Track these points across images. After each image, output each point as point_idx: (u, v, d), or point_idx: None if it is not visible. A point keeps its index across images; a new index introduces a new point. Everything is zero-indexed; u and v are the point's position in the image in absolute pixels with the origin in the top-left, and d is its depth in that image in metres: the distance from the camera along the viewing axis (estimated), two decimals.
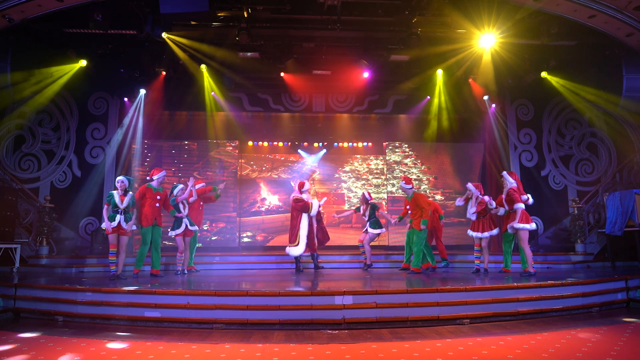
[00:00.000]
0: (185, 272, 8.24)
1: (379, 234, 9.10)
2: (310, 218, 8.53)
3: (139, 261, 7.66)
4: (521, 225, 7.26)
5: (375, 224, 9.02)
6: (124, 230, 7.22)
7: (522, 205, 7.29)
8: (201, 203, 8.78)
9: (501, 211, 7.74)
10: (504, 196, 7.58)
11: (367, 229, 9.05)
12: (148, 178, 7.97)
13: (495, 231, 8.02)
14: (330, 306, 5.42)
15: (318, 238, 8.69)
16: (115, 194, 7.23)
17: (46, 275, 8.05)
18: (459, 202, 8.26)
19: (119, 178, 7.38)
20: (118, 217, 7.17)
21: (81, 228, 10.64)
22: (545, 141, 11.70)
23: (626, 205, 8.53)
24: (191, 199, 8.22)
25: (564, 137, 11.68)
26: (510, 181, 7.52)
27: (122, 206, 7.20)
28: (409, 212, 8.19)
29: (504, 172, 7.84)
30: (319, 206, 8.59)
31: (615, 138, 11.24)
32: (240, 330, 5.22)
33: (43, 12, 7.96)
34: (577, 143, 11.64)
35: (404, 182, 8.38)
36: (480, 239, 8.08)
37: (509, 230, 7.51)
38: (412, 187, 8.36)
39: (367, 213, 9.16)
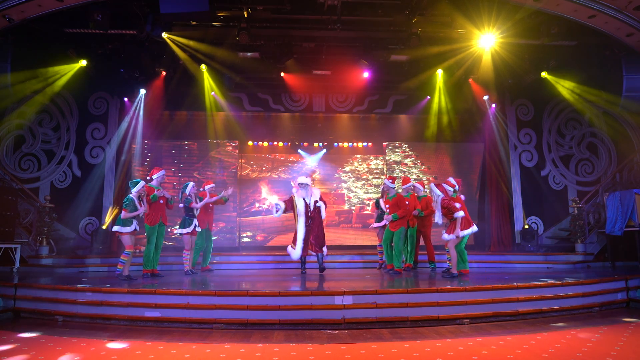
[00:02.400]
0: (193, 271, 8.18)
1: None
2: (307, 221, 7.93)
3: (147, 262, 7.60)
4: (464, 232, 7.07)
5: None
6: (135, 231, 7.26)
7: (461, 213, 7.07)
8: (210, 205, 8.72)
9: (438, 219, 7.36)
10: (437, 209, 7.25)
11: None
12: (148, 178, 7.94)
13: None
14: (330, 306, 5.42)
15: (310, 241, 7.98)
16: (136, 201, 7.18)
17: (46, 275, 8.05)
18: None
19: (143, 184, 7.34)
20: (134, 221, 7.18)
21: (81, 228, 10.63)
22: (545, 141, 11.70)
23: (626, 205, 8.52)
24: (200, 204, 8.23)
25: (564, 137, 11.68)
26: (438, 193, 7.26)
27: (141, 213, 7.24)
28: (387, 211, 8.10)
29: (431, 184, 7.52)
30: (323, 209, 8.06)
31: (615, 138, 11.25)
32: (240, 330, 5.23)
33: (43, 12, 7.95)
34: (577, 143, 11.64)
35: (389, 180, 8.23)
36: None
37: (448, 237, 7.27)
38: (395, 187, 8.29)
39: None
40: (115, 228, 7.15)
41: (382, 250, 9.02)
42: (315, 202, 7.98)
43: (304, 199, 7.94)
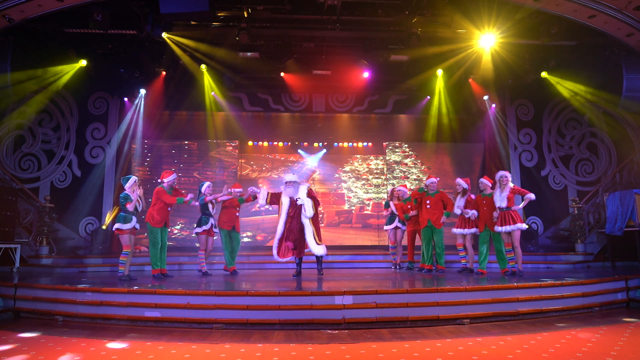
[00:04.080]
0: (206, 272, 8.11)
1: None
2: (286, 220, 7.46)
3: (155, 262, 7.52)
4: (523, 226, 7.22)
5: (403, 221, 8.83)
6: (134, 230, 7.25)
7: (533, 196, 7.19)
8: (237, 209, 8.57)
9: (501, 203, 7.39)
10: (506, 194, 7.29)
11: (397, 226, 8.80)
12: (159, 180, 7.88)
13: (474, 230, 7.84)
14: (330, 306, 5.42)
15: (287, 245, 7.47)
16: (131, 196, 7.17)
17: (46, 275, 8.05)
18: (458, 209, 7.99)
19: (135, 179, 7.29)
20: (134, 218, 7.17)
21: (81, 228, 10.64)
22: (545, 141, 11.70)
23: (626, 205, 8.53)
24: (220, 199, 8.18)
25: (564, 137, 11.68)
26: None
27: (140, 208, 7.24)
28: (428, 209, 7.97)
29: (506, 173, 7.51)
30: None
31: (615, 138, 11.25)
32: (240, 330, 5.22)
33: (43, 12, 7.96)
34: (577, 143, 11.64)
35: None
36: (465, 236, 8.04)
37: (500, 230, 7.25)
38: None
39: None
40: (116, 226, 7.13)
41: (394, 252, 9.04)
42: (297, 199, 7.37)
43: (290, 198, 7.48)
